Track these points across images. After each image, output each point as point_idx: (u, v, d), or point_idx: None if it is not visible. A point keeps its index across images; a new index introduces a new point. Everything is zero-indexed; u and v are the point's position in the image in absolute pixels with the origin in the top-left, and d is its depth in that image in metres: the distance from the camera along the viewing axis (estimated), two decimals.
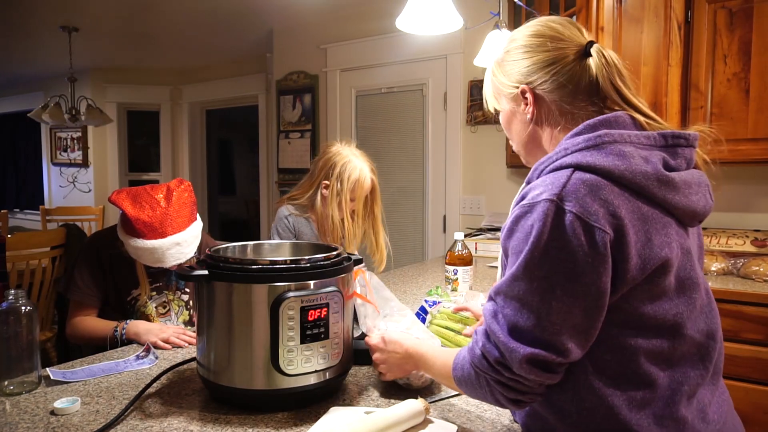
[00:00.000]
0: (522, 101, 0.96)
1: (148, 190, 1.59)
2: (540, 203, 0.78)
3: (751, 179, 2.48)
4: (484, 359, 0.83)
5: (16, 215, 6.90)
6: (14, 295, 1.15)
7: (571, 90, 0.91)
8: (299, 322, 1.00)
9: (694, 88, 2.24)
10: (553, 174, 0.82)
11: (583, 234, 0.75)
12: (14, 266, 2.67)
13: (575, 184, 0.78)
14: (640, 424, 0.78)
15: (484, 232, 3.05)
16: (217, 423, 0.98)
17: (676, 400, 0.80)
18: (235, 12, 3.97)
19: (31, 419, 1.00)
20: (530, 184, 0.85)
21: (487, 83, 1.04)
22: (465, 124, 3.43)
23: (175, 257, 1.55)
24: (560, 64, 0.91)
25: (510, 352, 0.79)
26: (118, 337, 1.51)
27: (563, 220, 0.76)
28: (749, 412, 1.91)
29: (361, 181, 1.82)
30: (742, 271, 2.18)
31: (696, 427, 0.81)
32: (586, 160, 0.80)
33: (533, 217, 0.78)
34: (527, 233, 0.79)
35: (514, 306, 0.80)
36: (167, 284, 1.72)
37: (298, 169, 4.25)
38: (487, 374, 0.83)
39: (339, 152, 1.85)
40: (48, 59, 5.31)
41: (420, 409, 0.96)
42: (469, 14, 2.60)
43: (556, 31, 0.93)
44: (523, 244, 0.79)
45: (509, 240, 0.83)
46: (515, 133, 1.01)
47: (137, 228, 1.51)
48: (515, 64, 0.95)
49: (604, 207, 0.77)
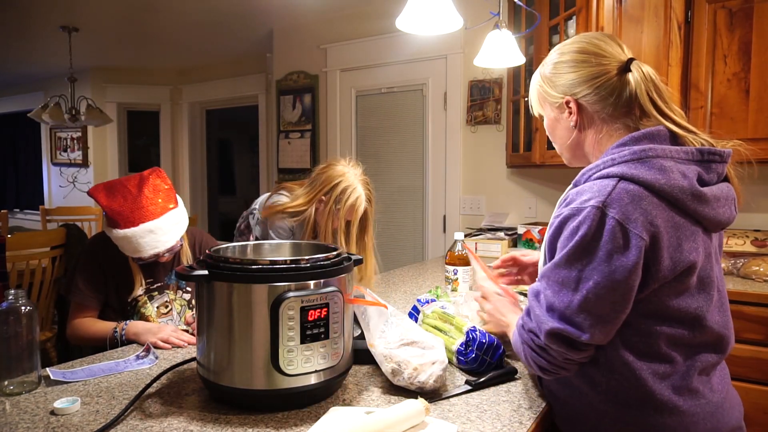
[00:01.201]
0: (566, 110, 1.07)
1: (122, 180, 1.59)
2: (587, 208, 0.90)
3: (751, 179, 2.47)
4: (523, 328, 1.00)
5: (16, 215, 6.90)
6: (14, 295, 1.15)
7: (612, 102, 1.02)
8: (299, 322, 1.00)
9: (694, 88, 2.24)
10: (600, 181, 0.93)
11: (621, 238, 0.88)
12: (14, 266, 2.67)
13: (619, 193, 0.90)
14: (662, 393, 0.93)
15: (484, 232, 3.05)
16: (217, 423, 0.98)
17: (691, 374, 0.94)
18: (235, 12, 3.97)
19: (31, 419, 1.00)
20: (577, 187, 0.98)
21: (533, 91, 1.15)
22: (465, 124, 3.43)
23: (151, 245, 1.54)
24: (603, 78, 1.02)
25: (541, 323, 0.95)
26: (117, 337, 1.51)
27: (606, 225, 0.88)
28: (749, 412, 1.90)
29: (356, 207, 1.82)
30: (742, 271, 2.18)
31: (706, 396, 0.96)
32: (631, 172, 0.91)
33: (579, 220, 0.91)
34: (573, 232, 0.91)
35: (553, 288, 0.94)
36: (168, 283, 1.71)
37: (298, 169, 4.25)
38: (525, 342, 0.99)
39: (345, 174, 1.84)
40: (48, 59, 5.31)
41: (420, 409, 0.96)
42: (469, 14, 2.60)
43: (599, 47, 1.04)
44: (568, 240, 0.92)
45: (556, 237, 0.96)
46: (558, 137, 1.13)
47: (111, 217, 1.53)
48: (561, 77, 1.06)
49: (644, 216, 0.88)
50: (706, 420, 0.95)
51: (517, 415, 1.03)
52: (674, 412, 0.93)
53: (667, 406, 0.93)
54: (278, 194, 1.94)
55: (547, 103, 1.11)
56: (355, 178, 1.83)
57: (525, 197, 3.24)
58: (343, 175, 1.82)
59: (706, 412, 0.95)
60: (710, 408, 0.96)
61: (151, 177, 1.60)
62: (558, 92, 1.07)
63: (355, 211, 1.80)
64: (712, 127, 2.22)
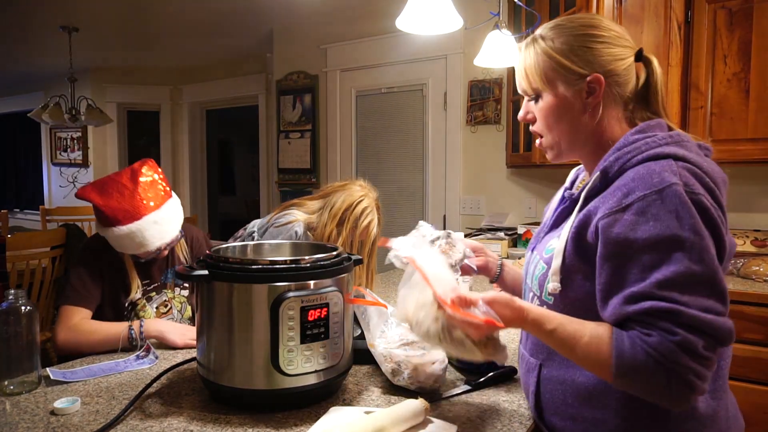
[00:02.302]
0: (586, 89, 0.93)
1: (112, 176, 1.53)
2: (670, 188, 0.79)
3: (751, 179, 2.48)
4: (684, 352, 0.74)
5: (16, 215, 6.90)
6: (14, 295, 1.14)
7: (631, 88, 0.94)
8: (299, 322, 1.00)
9: (694, 88, 2.24)
10: (654, 162, 0.83)
11: (717, 217, 0.80)
12: (14, 266, 2.67)
13: (683, 171, 0.81)
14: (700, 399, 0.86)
15: (484, 232, 3.05)
16: (217, 423, 0.98)
17: (724, 371, 0.91)
18: (235, 12, 3.97)
19: (31, 419, 1.00)
20: (618, 175, 0.86)
21: (535, 63, 0.96)
22: (465, 124, 3.43)
23: (157, 237, 1.50)
24: (629, 60, 0.94)
25: (718, 329, 0.75)
26: (136, 336, 1.41)
27: (704, 204, 0.80)
28: (750, 412, 1.91)
29: (370, 230, 1.84)
30: (742, 271, 2.18)
31: (729, 396, 0.94)
32: (681, 153, 0.84)
33: (672, 203, 0.78)
34: (673, 218, 0.78)
35: (700, 291, 0.76)
36: (164, 282, 1.68)
37: (298, 169, 4.25)
38: (687, 367, 0.74)
39: (364, 197, 1.85)
40: (48, 59, 5.31)
41: (420, 409, 0.96)
42: (469, 14, 2.60)
43: (622, 29, 0.96)
44: (676, 229, 0.77)
45: (641, 232, 0.79)
46: (564, 121, 0.96)
47: (110, 216, 1.46)
48: (593, 51, 0.92)
49: (711, 192, 0.82)
50: (735, 419, 0.93)
51: (517, 415, 1.03)
52: (713, 419, 0.88)
53: (707, 412, 0.87)
54: (290, 212, 1.92)
55: (560, 79, 0.94)
56: (372, 202, 1.86)
57: (525, 197, 3.24)
58: (362, 198, 1.85)
59: (732, 413, 0.93)
60: (733, 408, 0.94)
61: (143, 168, 1.55)
62: (585, 68, 0.92)
63: (369, 234, 1.82)
64: (712, 127, 2.22)
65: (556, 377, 0.94)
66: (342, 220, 1.80)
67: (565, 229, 0.92)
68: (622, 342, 0.78)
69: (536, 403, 0.98)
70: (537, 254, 1.02)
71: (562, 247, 0.91)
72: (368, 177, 1.90)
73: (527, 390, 1.01)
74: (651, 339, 0.76)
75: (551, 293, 0.93)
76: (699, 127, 2.23)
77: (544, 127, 0.99)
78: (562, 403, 0.93)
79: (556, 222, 1.02)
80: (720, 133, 2.21)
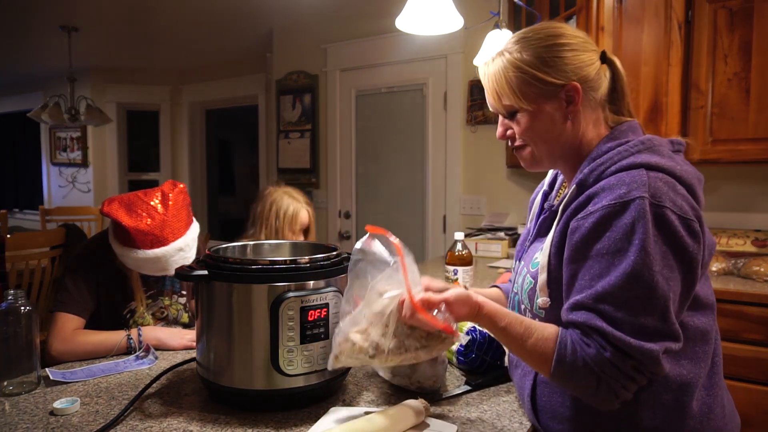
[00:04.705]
0: (563, 98, 0.93)
1: (141, 196, 1.50)
2: (634, 201, 0.79)
3: (752, 179, 2.47)
4: (614, 367, 0.79)
5: (16, 215, 6.89)
6: (13, 295, 1.14)
7: (602, 91, 0.95)
8: (299, 322, 1.00)
9: (695, 88, 2.24)
10: (626, 173, 0.83)
11: (683, 228, 0.80)
12: (14, 266, 2.66)
13: (655, 182, 0.81)
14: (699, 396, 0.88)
15: (484, 232, 3.04)
16: (217, 423, 0.98)
17: (716, 371, 0.91)
18: (235, 12, 3.97)
19: (31, 419, 1.00)
20: (593, 186, 0.86)
21: (505, 80, 0.95)
22: (465, 124, 3.43)
23: (179, 263, 1.48)
24: (597, 64, 0.94)
25: (644, 354, 0.78)
26: (134, 345, 1.41)
27: (666, 217, 0.79)
28: (750, 412, 1.91)
29: (296, 214, 2.00)
30: (742, 271, 2.18)
31: (725, 393, 0.94)
32: (654, 161, 0.84)
33: (631, 216, 0.79)
34: (627, 231, 0.79)
35: (635, 307, 0.78)
36: (161, 290, 1.66)
37: (297, 169, 4.25)
38: (617, 380, 0.80)
39: (271, 193, 2.03)
40: (48, 59, 5.31)
41: (420, 409, 0.96)
42: (469, 14, 2.60)
43: (584, 34, 0.97)
44: (625, 242, 0.79)
45: (597, 240, 0.82)
46: (547, 133, 0.95)
47: (137, 239, 1.44)
48: (563, 59, 0.92)
49: (686, 201, 0.82)
50: (731, 416, 0.94)
51: (517, 415, 1.02)
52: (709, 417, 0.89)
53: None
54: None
55: (536, 92, 0.93)
56: (284, 192, 2.00)
57: (525, 197, 3.24)
58: (269, 195, 2.01)
59: (728, 410, 0.93)
60: (729, 405, 0.94)
61: (173, 192, 1.54)
62: (560, 77, 0.91)
63: (297, 217, 1.98)
64: (712, 127, 2.22)
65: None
66: (268, 219, 1.99)
67: (546, 244, 0.94)
68: (564, 348, 0.83)
69: (532, 406, 0.98)
70: (524, 266, 1.03)
71: (545, 263, 0.93)
72: (368, 177, 1.93)
73: (522, 394, 1.02)
74: (589, 350, 0.81)
75: (541, 307, 0.94)
76: (699, 127, 2.23)
77: (529, 141, 0.98)
78: (561, 405, 0.93)
79: (539, 232, 1.03)
80: (720, 133, 2.20)
